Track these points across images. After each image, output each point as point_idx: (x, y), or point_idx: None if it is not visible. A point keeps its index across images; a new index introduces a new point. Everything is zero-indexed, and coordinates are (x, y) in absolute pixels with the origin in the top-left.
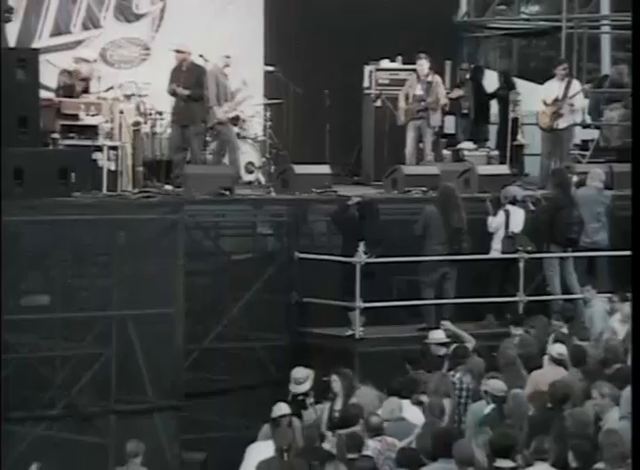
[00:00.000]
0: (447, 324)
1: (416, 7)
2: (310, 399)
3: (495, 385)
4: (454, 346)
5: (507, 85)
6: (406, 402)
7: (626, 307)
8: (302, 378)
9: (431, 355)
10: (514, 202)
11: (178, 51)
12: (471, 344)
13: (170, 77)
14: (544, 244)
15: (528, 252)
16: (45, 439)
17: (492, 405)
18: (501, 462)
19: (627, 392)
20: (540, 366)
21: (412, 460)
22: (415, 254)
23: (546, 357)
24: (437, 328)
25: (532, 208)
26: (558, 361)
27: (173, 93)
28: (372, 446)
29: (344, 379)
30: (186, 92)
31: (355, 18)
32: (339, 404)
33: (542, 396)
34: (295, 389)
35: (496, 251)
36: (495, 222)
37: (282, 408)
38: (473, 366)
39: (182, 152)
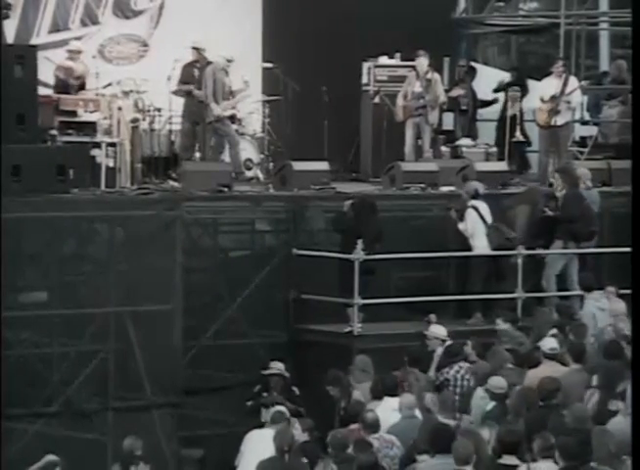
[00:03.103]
0: (432, 318)
1: (414, 3)
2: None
3: (495, 382)
4: (448, 343)
5: (519, 83)
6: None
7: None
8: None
9: (427, 351)
10: (476, 196)
11: (195, 48)
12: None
13: (182, 74)
14: (558, 241)
15: (509, 240)
16: (43, 436)
17: (493, 403)
18: (507, 459)
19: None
20: (537, 363)
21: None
22: (414, 250)
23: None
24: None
25: (550, 213)
26: (551, 357)
27: (185, 92)
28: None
29: (338, 383)
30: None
31: (353, 14)
32: (342, 405)
33: (533, 393)
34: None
35: (481, 247)
36: (469, 223)
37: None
38: (477, 369)
39: (192, 149)
